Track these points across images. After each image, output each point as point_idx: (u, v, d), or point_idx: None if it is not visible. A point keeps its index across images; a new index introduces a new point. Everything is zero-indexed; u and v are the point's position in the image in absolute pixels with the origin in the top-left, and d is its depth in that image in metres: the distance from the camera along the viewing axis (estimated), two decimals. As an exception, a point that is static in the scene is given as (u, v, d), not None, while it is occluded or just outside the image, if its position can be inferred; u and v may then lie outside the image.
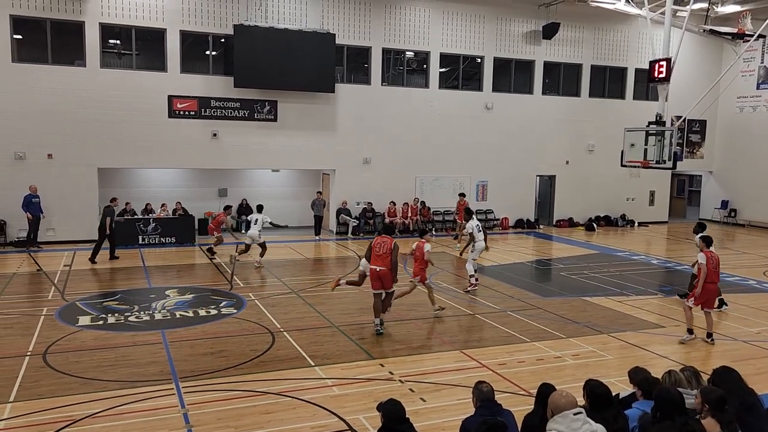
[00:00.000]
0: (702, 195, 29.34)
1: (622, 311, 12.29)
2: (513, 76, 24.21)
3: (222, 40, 20.35)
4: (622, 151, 16.49)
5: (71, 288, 13.46)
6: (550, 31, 23.44)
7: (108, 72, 18.99)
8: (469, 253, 14.14)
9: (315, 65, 20.45)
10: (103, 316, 11.37)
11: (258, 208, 16.74)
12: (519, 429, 5.03)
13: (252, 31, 19.78)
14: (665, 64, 15.36)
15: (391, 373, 8.64)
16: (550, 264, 18.04)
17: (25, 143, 18.21)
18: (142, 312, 11.60)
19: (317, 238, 21.00)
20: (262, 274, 15.38)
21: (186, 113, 19.79)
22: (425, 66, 22.89)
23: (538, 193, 25.66)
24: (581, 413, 4.28)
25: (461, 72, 23.68)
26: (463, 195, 22.02)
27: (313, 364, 8.99)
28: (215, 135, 20.11)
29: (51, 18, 18.16)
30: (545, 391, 4.75)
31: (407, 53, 22.78)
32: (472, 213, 14.89)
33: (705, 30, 20.01)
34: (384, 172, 22.36)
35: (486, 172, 23.95)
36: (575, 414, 4.24)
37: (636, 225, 26.23)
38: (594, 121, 25.12)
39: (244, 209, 21.59)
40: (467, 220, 14.47)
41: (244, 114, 20.41)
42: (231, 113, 20.27)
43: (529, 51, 24.02)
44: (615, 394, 5.51)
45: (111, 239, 16.75)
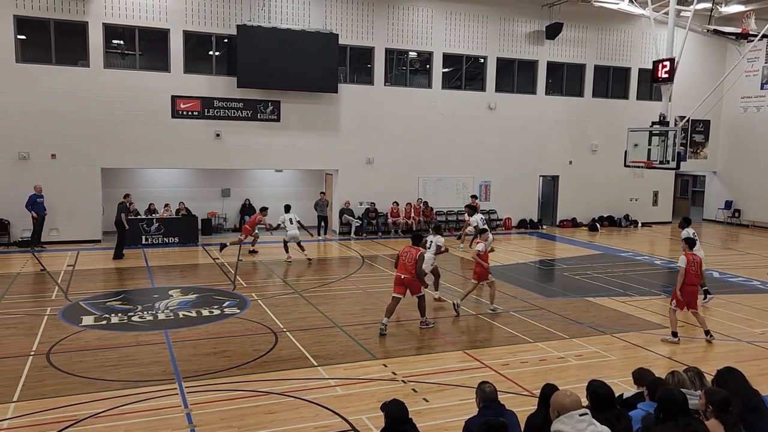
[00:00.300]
0: (706, 195, 29.26)
1: (625, 312, 12.27)
2: (516, 76, 24.18)
3: (225, 40, 20.37)
4: (625, 152, 16.47)
5: (74, 288, 13.48)
6: (553, 31, 23.41)
7: (111, 72, 19.03)
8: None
9: (318, 65, 20.45)
10: (107, 316, 11.39)
11: (286, 208, 17.42)
12: (522, 430, 5.02)
13: (255, 32, 19.78)
14: (669, 64, 15.33)
15: (394, 374, 8.64)
16: (553, 264, 18.01)
17: (29, 143, 18.25)
18: (145, 312, 11.62)
19: (320, 237, 21.05)
20: (266, 273, 15.40)
21: (189, 113, 19.81)
22: (428, 66, 22.87)
23: (541, 194, 25.62)
24: (587, 414, 4.26)
25: (464, 72, 23.66)
26: (475, 197, 22.11)
27: (316, 364, 8.99)
28: (218, 135, 20.13)
29: (54, 18, 18.21)
30: (548, 392, 4.73)
31: (410, 53, 22.77)
32: (476, 209, 14.89)
33: (709, 30, 19.98)
34: (387, 172, 22.35)
35: (489, 172, 23.92)
36: (581, 415, 4.21)
37: (639, 225, 26.17)
38: (597, 122, 25.07)
39: (246, 209, 21.60)
40: (471, 214, 14.47)
41: (247, 114, 20.42)
42: (234, 113, 20.28)
43: (532, 51, 23.98)
44: (619, 394, 5.50)
45: (121, 237, 16.88)
